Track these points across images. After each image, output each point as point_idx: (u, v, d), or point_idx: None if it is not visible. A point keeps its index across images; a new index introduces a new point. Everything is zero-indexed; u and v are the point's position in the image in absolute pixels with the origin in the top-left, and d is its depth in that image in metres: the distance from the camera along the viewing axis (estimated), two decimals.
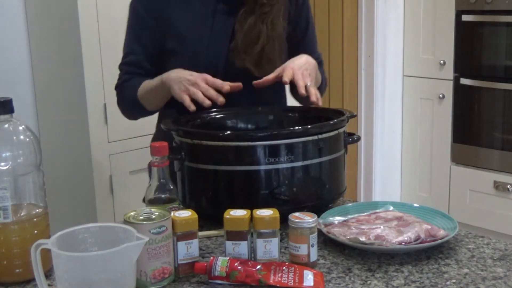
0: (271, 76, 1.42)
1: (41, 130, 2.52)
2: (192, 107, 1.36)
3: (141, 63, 1.56)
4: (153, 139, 1.66)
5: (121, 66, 1.60)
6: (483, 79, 3.07)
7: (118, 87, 1.61)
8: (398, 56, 3.39)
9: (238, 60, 1.49)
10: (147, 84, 1.51)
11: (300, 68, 1.40)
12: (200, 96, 1.35)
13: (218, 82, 1.37)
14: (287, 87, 1.59)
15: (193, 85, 1.37)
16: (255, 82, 1.43)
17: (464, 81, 3.13)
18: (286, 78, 1.37)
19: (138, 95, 1.53)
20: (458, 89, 3.16)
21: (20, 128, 1.08)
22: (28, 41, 2.48)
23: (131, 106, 1.57)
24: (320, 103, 1.38)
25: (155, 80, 1.48)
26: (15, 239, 1.05)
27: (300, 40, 1.62)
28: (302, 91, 1.36)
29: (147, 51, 1.55)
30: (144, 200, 1.20)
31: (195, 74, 1.39)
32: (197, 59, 1.50)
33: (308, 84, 1.38)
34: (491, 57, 3.05)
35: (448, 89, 3.19)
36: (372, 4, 3.28)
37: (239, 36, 1.48)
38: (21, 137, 1.07)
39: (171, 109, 1.52)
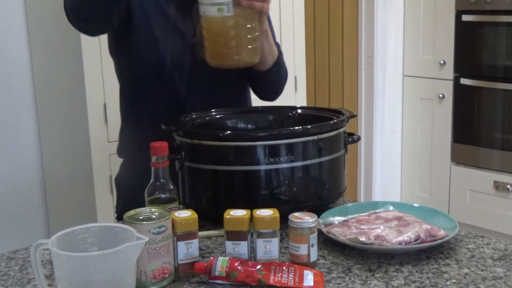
0: None
1: (41, 130, 2.52)
2: None
3: None
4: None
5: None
6: (483, 79, 3.07)
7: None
8: (398, 56, 3.39)
9: (200, 52, 1.43)
10: None
11: None
12: None
13: None
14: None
15: None
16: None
17: (464, 81, 3.13)
18: None
19: None
20: (458, 89, 3.16)
21: None
22: (28, 41, 2.48)
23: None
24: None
25: None
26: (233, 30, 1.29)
27: None
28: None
29: None
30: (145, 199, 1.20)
31: None
32: (165, 47, 1.47)
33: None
34: (491, 57, 3.05)
35: (448, 89, 3.19)
36: (372, 4, 3.28)
37: (198, 29, 1.43)
38: None
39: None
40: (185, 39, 1.49)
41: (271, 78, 1.56)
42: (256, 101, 1.68)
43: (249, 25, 1.34)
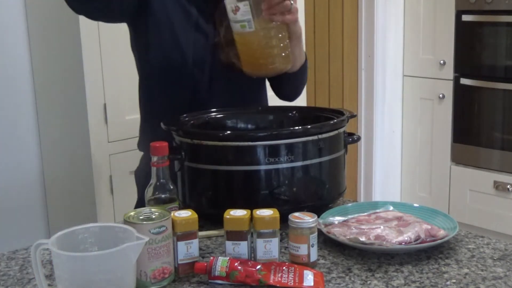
0: None
1: (41, 130, 2.52)
2: None
3: None
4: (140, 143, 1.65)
5: None
6: (483, 79, 3.07)
7: None
8: (398, 56, 3.39)
9: (222, 55, 1.48)
10: None
11: None
12: None
13: None
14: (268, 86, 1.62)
15: None
16: None
17: (464, 81, 3.13)
18: None
19: None
20: (458, 89, 3.16)
21: None
22: (28, 41, 2.48)
23: None
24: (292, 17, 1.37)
25: None
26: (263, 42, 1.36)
27: None
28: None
29: None
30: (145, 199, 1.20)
31: None
32: (186, 46, 1.48)
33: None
34: (491, 57, 3.05)
35: (448, 89, 3.19)
36: (372, 4, 3.28)
37: (221, 30, 1.47)
38: None
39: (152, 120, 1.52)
40: (207, 39, 1.50)
41: (296, 80, 1.59)
42: (273, 99, 1.69)
43: (280, 35, 1.39)
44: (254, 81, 1.57)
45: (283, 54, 1.41)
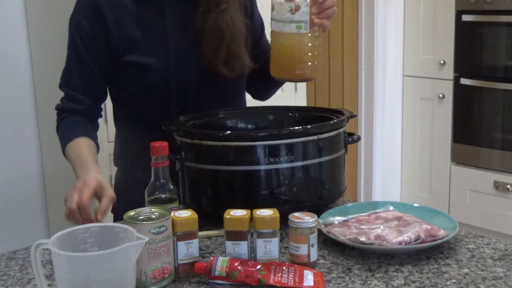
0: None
1: (41, 130, 2.52)
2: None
3: (78, 97, 1.46)
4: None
5: (59, 103, 1.49)
6: (483, 79, 3.07)
7: (57, 122, 1.49)
8: (398, 56, 3.39)
9: (209, 65, 1.44)
10: (72, 155, 1.40)
11: None
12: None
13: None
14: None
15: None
16: None
17: (464, 81, 3.13)
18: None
19: (65, 152, 1.44)
20: (458, 89, 3.16)
21: None
22: (28, 41, 2.48)
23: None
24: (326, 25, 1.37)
25: (76, 163, 1.38)
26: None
27: (259, 38, 1.59)
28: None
29: (91, 78, 1.45)
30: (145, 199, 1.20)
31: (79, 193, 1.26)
32: (167, 71, 1.43)
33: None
34: (491, 57, 3.05)
35: (448, 89, 3.19)
36: (372, 4, 3.28)
37: (203, 39, 1.43)
38: None
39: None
40: (189, 50, 1.45)
41: (271, 82, 1.53)
42: (250, 101, 1.69)
43: (316, 42, 1.37)
44: (237, 86, 1.55)
45: (316, 62, 1.38)
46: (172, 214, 1.05)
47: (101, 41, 1.42)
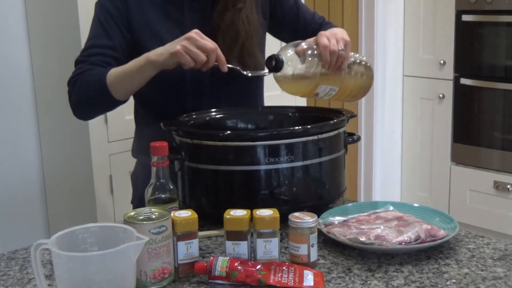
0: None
1: (41, 130, 2.52)
2: (191, 64, 1.29)
3: (108, 52, 1.45)
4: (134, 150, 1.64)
5: (80, 58, 1.47)
6: (483, 79, 3.07)
7: (74, 79, 1.46)
8: (398, 56, 3.39)
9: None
10: (122, 68, 1.40)
11: (332, 34, 1.38)
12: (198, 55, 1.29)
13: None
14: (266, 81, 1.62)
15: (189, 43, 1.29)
16: None
17: (464, 81, 3.13)
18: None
19: (107, 81, 1.39)
20: (458, 89, 3.16)
21: None
22: (28, 41, 2.48)
23: (93, 96, 1.43)
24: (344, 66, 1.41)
25: (136, 61, 1.37)
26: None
27: (297, 19, 1.63)
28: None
29: (116, 45, 1.45)
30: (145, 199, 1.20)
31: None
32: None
33: (340, 47, 1.37)
34: (491, 57, 3.05)
35: (448, 89, 3.19)
36: (372, 4, 3.28)
37: (219, 36, 1.46)
38: None
39: (147, 108, 1.53)
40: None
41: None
42: (271, 98, 1.68)
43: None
44: (253, 83, 1.56)
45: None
46: (172, 214, 1.05)
47: (124, 24, 1.46)
